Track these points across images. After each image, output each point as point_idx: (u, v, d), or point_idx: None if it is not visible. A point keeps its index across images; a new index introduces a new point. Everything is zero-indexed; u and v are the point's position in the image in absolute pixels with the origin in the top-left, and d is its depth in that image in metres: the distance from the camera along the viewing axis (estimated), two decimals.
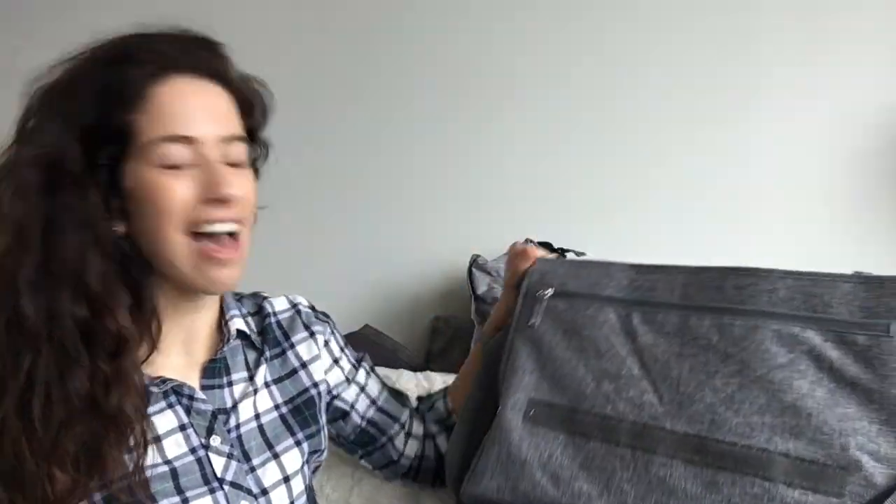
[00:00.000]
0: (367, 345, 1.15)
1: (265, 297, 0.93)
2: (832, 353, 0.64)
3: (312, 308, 0.96)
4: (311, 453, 0.87)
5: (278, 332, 0.90)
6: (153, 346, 0.74)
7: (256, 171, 0.84)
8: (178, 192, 0.71)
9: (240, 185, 0.74)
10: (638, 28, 1.39)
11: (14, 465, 0.64)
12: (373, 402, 0.98)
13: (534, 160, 1.46)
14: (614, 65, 1.40)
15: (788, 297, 0.67)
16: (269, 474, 0.81)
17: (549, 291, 0.81)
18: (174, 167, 0.71)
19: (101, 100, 0.70)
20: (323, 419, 0.91)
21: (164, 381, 0.76)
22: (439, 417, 1.02)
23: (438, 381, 1.30)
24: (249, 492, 0.78)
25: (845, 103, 1.31)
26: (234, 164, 0.76)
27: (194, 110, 0.72)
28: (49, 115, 0.71)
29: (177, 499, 0.72)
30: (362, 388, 0.98)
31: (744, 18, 1.34)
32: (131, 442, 0.69)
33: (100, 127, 0.70)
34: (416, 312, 1.53)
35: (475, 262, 1.40)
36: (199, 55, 0.75)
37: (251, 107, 0.81)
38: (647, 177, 1.40)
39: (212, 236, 0.74)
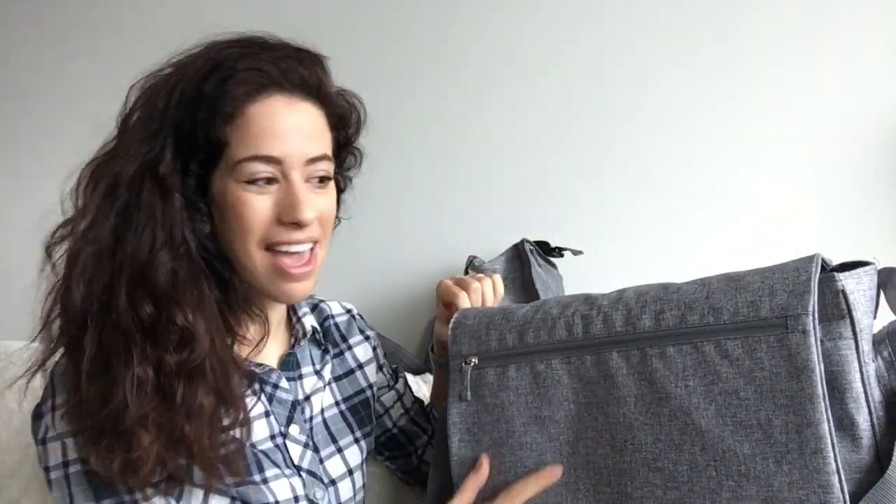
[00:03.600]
0: None
1: (321, 300, 0.96)
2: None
3: (362, 316, 1.00)
4: (368, 453, 0.91)
5: (336, 334, 0.94)
6: (264, 333, 0.78)
7: (348, 180, 0.87)
8: (259, 210, 0.73)
9: (317, 206, 0.76)
10: (637, 28, 1.38)
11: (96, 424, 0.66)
12: (406, 411, 1.02)
13: (531, 161, 1.44)
14: (613, 64, 1.39)
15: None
16: (335, 466, 0.84)
17: (473, 360, 0.78)
18: (258, 184, 0.73)
19: (199, 110, 0.71)
20: (375, 420, 0.94)
21: (257, 366, 0.79)
22: None
23: None
24: (321, 480, 0.81)
25: (845, 103, 1.29)
26: (322, 181, 0.78)
27: (284, 131, 0.73)
28: (151, 114, 0.73)
29: (259, 477, 0.74)
30: (400, 397, 1.01)
31: (743, 19, 1.33)
32: (226, 420, 0.71)
33: (196, 136, 0.72)
34: (416, 313, 1.51)
35: (472, 264, 1.39)
36: (297, 74, 0.75)
37: (344, 121, 0.83)
38: (646, 177, 1.39)
39: (289, 254, 0.76)
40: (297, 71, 0.75)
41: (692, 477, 0.64)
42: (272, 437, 0.78)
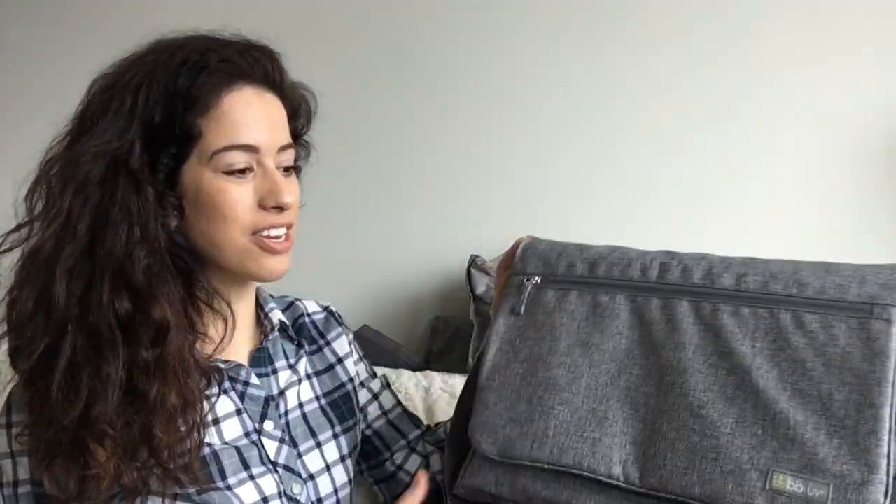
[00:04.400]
0: (366, 345, 1.14)
1: (296, 299, 0.97)
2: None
3: (339, 314, 1.01)
4: (353, 448, 0.90)
5: (314, 331, 0.95)
6: (225, 331, 0.77)
7: (298, 171, 0.88)
8: (241, 199, 0.75)
9: (292, 191, 0.79)
10: (637, 28, 1.40)
11: (53, 437, 0.66)
12: (384, 413, 0.99)
13: (533, 160, 1.46)
14: (615, 64, 1.41)
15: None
16: (314, 461, 0.84)
17: (536, 279, 0.79)
18: (236, 174, 0.75)
19: (171, 101, 0.72)
20: (359, 414, 0.94)
21: (222, 364, 0.79)
22: (438, 439, 1.01)
23: (438, 380, 1.30)
24: (299, 475, 0.81)
25: (845, 103, 1.31)
26: (286, 170, 0.80)
27: (258, 120, 0.75)
28: (115, 110, 0.72)
29: (222, 484, 0.73)
30: (375, 396, 0.99)
31: (744, 18, 1.35)
32: (182, 426, 0.70)
33: (168, 129, 0.72)
34: (416, 312, 1.52)
35: (474, 263, 1.40)
36: (262, 66, 0.78)
37: (297, 112, 0.86)
38: (647, 177, 1.40)
39: (272, 237, 0.78)
40: (262, 63, 0.78)
41: (735, 430, 0.64)
42: (246, 434, 0.78)
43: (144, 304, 0.69)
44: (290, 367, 0.88)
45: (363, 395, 0.97)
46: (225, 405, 0.78)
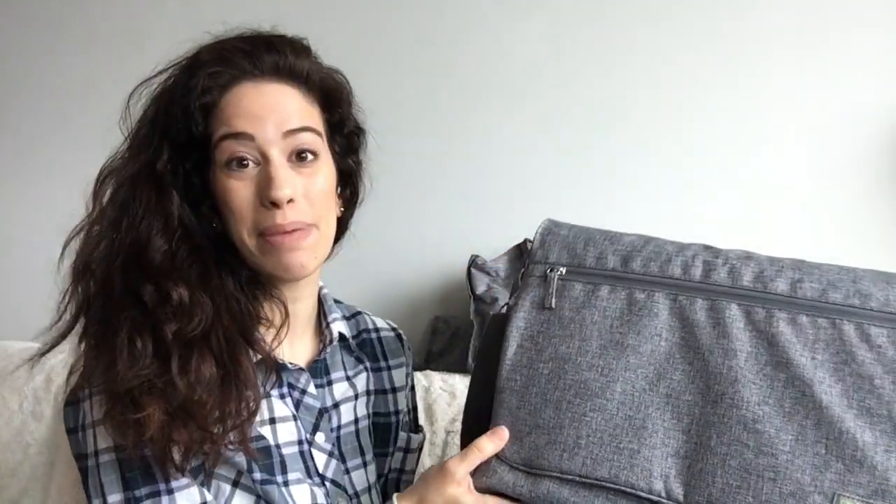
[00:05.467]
0: None
1: (362, 311, 0.96)
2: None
3: (406, 339, 1.00)
4: (379, 477, 0.89)
5: (378, 349, 0.93)
6: (283, 319, 0.79)
7: (357, 163, 0.88)
8: (241, 194, 0.74)
9: (298, 184, 0.75)
10: (638, 28, 1.40)
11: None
12: (400, 470, 0.95)
13: (533, 160, 1.45)
14: (616, 66, 1.40)
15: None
16: (360, 479, 0.83)
17: (561, 270, 0.72)
18: (238, 167, 0.74)
19: (181, 110, 0.74)
20: (391, 448, 0.92)
21: (285, 365, 0.79)
22: None
23: (438, 380, 1.30)
24: (346, 491, 0.81)
25: (846, 103, 1.32)
26: (303, 158, 0.76)
27: (254, 110, 0.75)
28: (144, 121, 0.77)
29: (280, 479, 0.75)
30: (405, 451, 0.94)
31: (743, 19, 1.35)
32: (230, 399, 0.71)
33: (184, 136, 0.75)
34: (416, 312, 1.51)
35: (474, 263, 1.39)
36: (268, 60, 0.77)
37: (332, 98, 0.82)
38: (647, 177, 1.39)
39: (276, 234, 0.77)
40: (268, 57, 0.77)
41: (795, 449, 0.59)
42: (298, 442, 0.78)
43: (162, 284, 0.71)
44: (348, 379, 0.87)
45: (401, 438, 0.93)
46: (282, 408, 0.78)
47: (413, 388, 0.99)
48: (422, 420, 1.35)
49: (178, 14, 1.60)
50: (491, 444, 0.69)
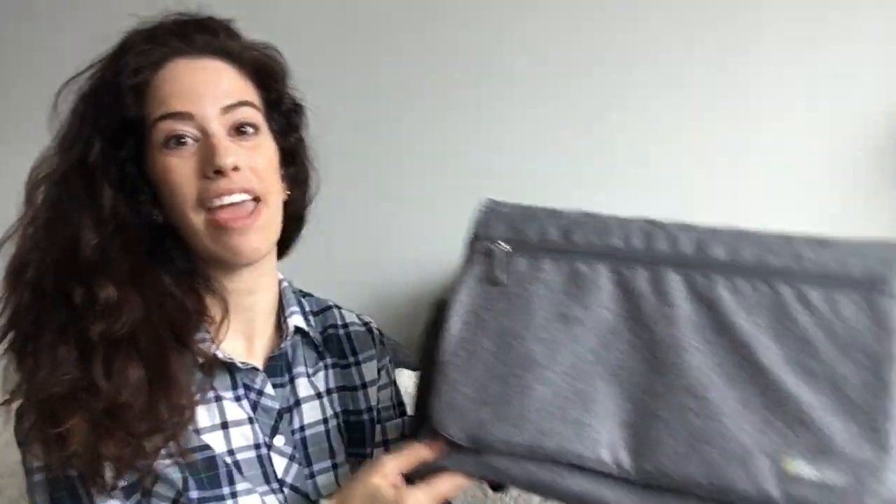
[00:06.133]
0: None
1: (334, 305, 0.93)
2: None
3: (381, 331, 0.97)
4: None
5: (346, 345, 0.90)
6: (222, 322, 0.76)
7: (299, 140, 0.86)
8: (182, 170, 0.72)
9: (240, 153, 0.73)
10: (638, 28, 1.39)
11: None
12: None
13: (532, 160, 1.43)
14: (614, 63, 1.40)
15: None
16: (327, 483, 0.80)
17: (505, 246, 0.72)
18: (177, 146, 0.73)
19: (112, 95, 0.73)
20: (368, 449, 0.87)
21: (240, 363, 0.76)
22: None
23: None
24: (307, 497, 0.77)
25: (845, 102, 1.32)
26: (243, 132, 0.76)
27: (191, 87, 0.74)
28: (75, 115, 0.75)
29: (227, 490, 0.72)
30: (384, 443, 0.90)
31: (743, 17, 1.35)
32: (159, 401, 0.69)
33: (117, 122, 0.73)
34: (415, 311, 1.46)
35: None
36: (200, 39, 0.76)
37: (267, 74, 0.81)
38: (646, 178, 1.39)
39: (224, 207, 0.74)
40: (199, 36, 0.77)
41: (740, 413, 0.59)
42: (255, 446, 0.75)
43: (90, 282, 0.70)
44: (309, 377, 0.83)
45: (395, 426, 0.90)
46: (236, 411, 0.75)
47: (395, 382, 0.96)
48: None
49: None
50: (429, 455, 0.68)
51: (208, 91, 0.74)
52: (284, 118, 0.83)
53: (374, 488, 0.67)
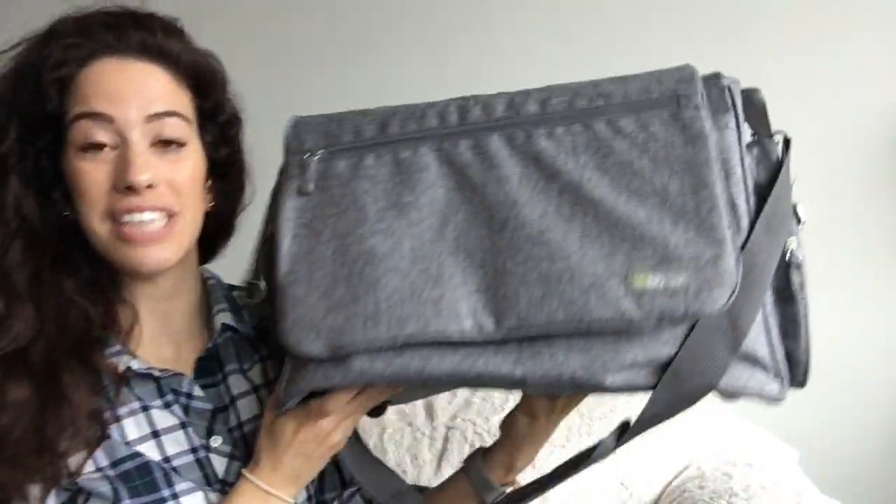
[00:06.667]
0: None
1: None
2: None
3: None
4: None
5: None
6: (130, 332, 0.73)
7: (232, 149, 0.80)
8: (94, 176, 0.68)
9: (162, 171, 0.69)
10: (638, 28, 1.41)
11: None
12: None
13: None
14: (613, 62, 1.41)
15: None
16: None
17: (320, 153, 0.70)
18: (93, 150, 0.68)
19: (34, 84, 0.69)
20: None
21: (158, 372, 0.72)
22: None
23: None
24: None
25: (846, 102, 1.36)
26: (167, 144, 0.71)
27: (117, 89, 0.69)
28: None
29: (168, 492, 0.69)
30: None
31: (744, 18, 1.38)
32: (55, 424, 0.65)
33: (36, 114, 0.69)
34: None
35: None
36: (134, 37, 0.71)
37: (205, 83, 0.76)
38: None
39: (133, 223, 0.70)
40: (135, 33, 0.72)
41: (584, 245, 0.60)
42: (193, 450, 0.72)
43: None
44: (243, 373, 0.79)
45: None
46: (166, 419, 0.72)
47: None
48: (421, 416, 1.30)
49: None
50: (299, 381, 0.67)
51: (134, 95, 0.69)
52: (219, 129, 0.77)
53: (278, 427, 0.68)
